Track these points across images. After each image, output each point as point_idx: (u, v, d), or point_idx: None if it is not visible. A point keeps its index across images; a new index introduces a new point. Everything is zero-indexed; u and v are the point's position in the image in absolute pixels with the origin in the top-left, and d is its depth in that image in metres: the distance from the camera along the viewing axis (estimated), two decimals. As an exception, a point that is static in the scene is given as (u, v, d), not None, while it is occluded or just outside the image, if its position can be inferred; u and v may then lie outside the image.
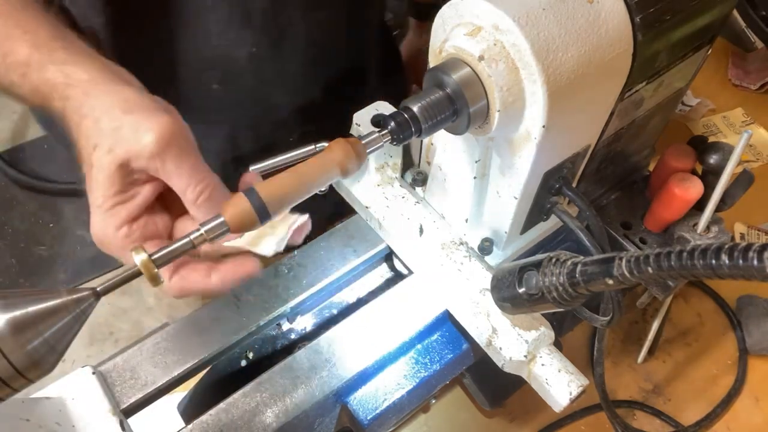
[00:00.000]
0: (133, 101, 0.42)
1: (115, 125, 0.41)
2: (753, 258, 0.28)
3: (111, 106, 0.42)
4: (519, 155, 0.48)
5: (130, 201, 0.43)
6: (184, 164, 0.41)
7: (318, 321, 0.66)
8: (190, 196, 0.42)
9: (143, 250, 0.38)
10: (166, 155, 0.41)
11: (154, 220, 0.45)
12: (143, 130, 0.40)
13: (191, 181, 0.42)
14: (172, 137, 0.41)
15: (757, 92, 1.22)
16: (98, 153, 0.42)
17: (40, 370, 0.36)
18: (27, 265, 2.14)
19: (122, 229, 0.43)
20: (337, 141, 0.43)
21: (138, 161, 0.41)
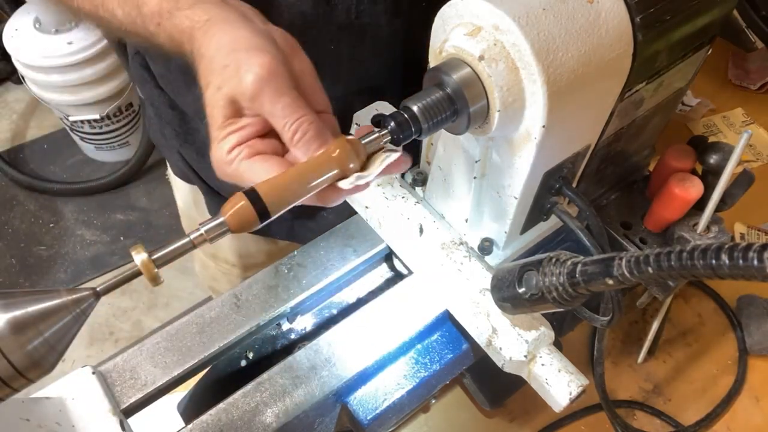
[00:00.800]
0: (243, 39, 0.43)
1: (224, 63, 0.43)
2: (753, 258, 0.28)
3: (222, 45, 0.43)
4: (519, 155, 0.48)
5: (241, 131, 0.44)
6: (279, 103, 0.42)
7: (318, 321, 0.66)
8: (286, 135, 0.43)
9: (143, 249, 0.38)
10: (263, 95, 0.42)
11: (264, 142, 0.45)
12: (244, 71, 0.42)
13: (286, 121, 0.43)
14: (269, 77, 0.42)
15: (757, 92, 1.22)
16: (210, 91, 0.44)
17: (40, 370, 0.36)
18: (27, 265, 2.15)
19: (233, 151, 0.44)
20: (337, 141, 0.43)
21: (242, 101, 0.43)
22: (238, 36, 0.43)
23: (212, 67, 0.44)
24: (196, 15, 0.45)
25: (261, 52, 0.43)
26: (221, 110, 0.44)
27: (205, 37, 0.44)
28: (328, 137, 0.44)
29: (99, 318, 2.04)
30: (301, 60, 0.48)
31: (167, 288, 2.08)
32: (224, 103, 0.44)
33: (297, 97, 0.43)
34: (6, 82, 2.66)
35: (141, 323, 2.04)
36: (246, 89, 0.42)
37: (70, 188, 2.30)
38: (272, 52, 0.43)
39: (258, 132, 0.45)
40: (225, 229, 0.40)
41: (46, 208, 2.30)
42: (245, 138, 0.45)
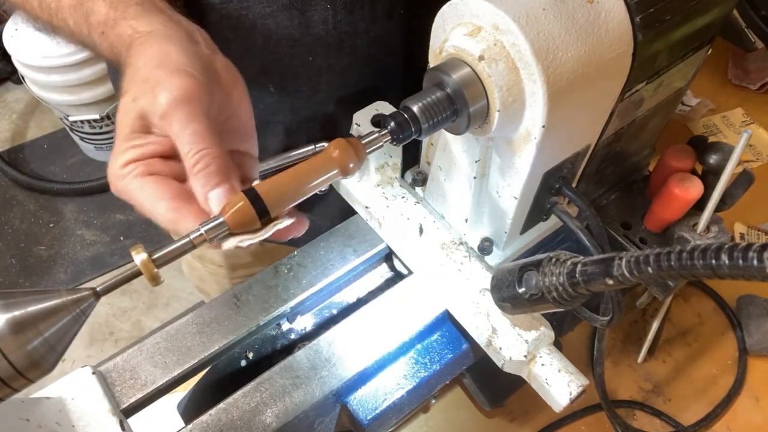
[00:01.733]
0: (172, 58, 0.42)
1: (145, 77, 0.42)
2: (753, 258, 0.28)
3: (150, 59, 0.42)
4: (519, 155, 0.48)
5: (142, 147, 0.43)
6: (188, 129, 0.41)
7: (318, 321, 0.66)
8: (188, 163, 0.41)
9: (143, 249, 0.38)
10: (173, 117, 0.41)
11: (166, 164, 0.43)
12: (160, 89, 0.41)
13: (191, 148, 0.41)
14: (183, 100, 0.41)
15: (757, 92, 1.22)
16: (125, 99, 0.43)
17: (40, 370, 0.36)
18: (27, 265, 2.15)
19: (127, 167, 0.42)
20: (337, 141, 0.43)
21: (152, 118, 0.42)
22: (170, 53, 0.42)
23: (134, 77, 0.42)
24: (140, 26, 0.45)
25: (184, 74, 0.41)
26: (129, 122, 0.42)
27: (140, 47, 0.43)
28: (230, 175, 0.42)
29: (99, 318, 2.04)
30: (240, 97, 0.46)
31: (167, 288, 2.08)
32: (135, 115, 0.42)
33: (209, 128, 0.41)
34: (6, 82, 2.67)
35: (141, 323, 2.04)
36: (158, 107, 0.41)
37: (70, 188, 2.30)
38: (196, 77, 0.42)
39: (161, 153, 0.43)
40: (225, 229, 0.40)
41: (46, 208, 2.30)
42: (144, 155, 0.43)
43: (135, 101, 0.42)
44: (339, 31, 0.64)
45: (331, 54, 0.67)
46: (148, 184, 0.42)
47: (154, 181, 0.42)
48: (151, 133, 0.43)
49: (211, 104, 0.43)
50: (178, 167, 0.43)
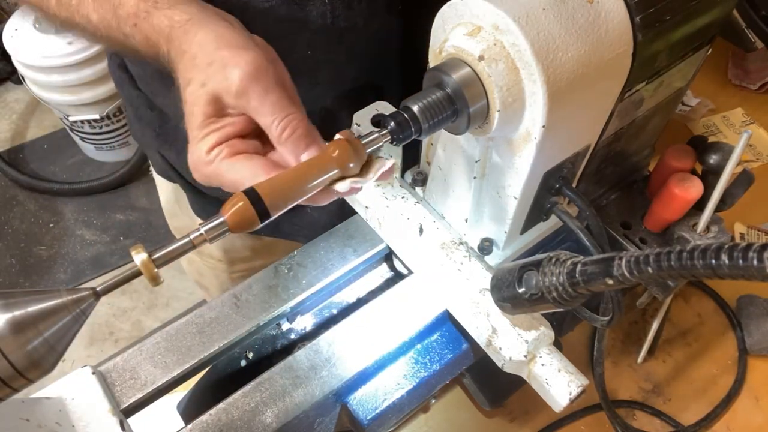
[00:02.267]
0: (227, 38, 0.43)
1: (208, 60, 0.42)
2: (753, 258, 0.28)
3: (206, 43, 0.43)
4: (519, 155, 0.48)
5: (221, 129, 0.43)
6: (267, 101, 0.42)
7: (318, 321, 0.66)
8: (274, 132, 0.42)
9: (143, 249, 0.38)
10: (250, 92, 0.41)
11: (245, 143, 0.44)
12: (230, 67, 0.41)
13: (274, 118, 0.42)
14: (256, 74, 0.41)
15: (757, 92, 1.22)
16: (192, 87, 0.43)
17: (40, 370, 0.36)
18: (27, 265, 2.15)
19: (212, 151, 0.43)
20: (337, 141, 0.43)
21: (227, 98, 0.42)
22: (222, 34, 0.43)
23: (195, 63, 0.43)
24: (176, 15, 0.45)
25: (246, 50, 0.42)
26: (202, 108, 0.43)
27: (187, 35, 0.44)
28: (316, 136, 0.43)
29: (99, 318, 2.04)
30: (280, 68, 0.47)
31: (167, 288, 2.08)
32: (206, 99, 0.43)
33: (284, 95, 0.43)
34: (6, 82, 2.66)
35: (141, 323, 2.04)
36: (232, 85, 0.41)
37: (70, 188, 2.30)
38: (257, 51, 0.43)
39: (239, 132, 0.44)
40: (225, 229, 0.40)
41: (46, 208, 2.30)
42: (225, 137, 0.44)
43: (204, 86, 0.42)
44: (337, 25, 0.64)
45: (329, 48, 0.67)
46: (239, 163, 0.43)
47: (246, 158, 0.43)
48: (226, 115, 0.44)
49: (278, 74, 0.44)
50: (256, 143, 0.45)
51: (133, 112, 0.84)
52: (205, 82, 0.42)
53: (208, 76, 0.42)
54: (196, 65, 0.43)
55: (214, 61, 0.42)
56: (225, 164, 0.43)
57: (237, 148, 0.44)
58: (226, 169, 0.43)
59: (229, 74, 0.41)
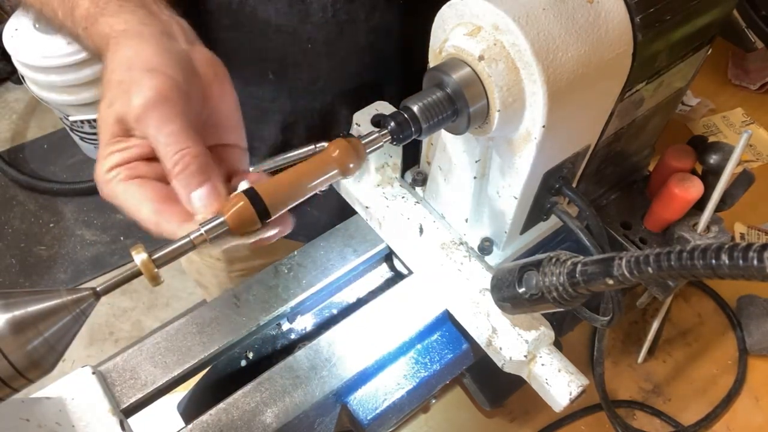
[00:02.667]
0: (144, 58, 0.41)
1: (119, 79, 0.41)
2: (753, 258, 0.28)
3: (124, 60, 0.42)
4: (519, 155, 0.48)
5: (124, 151, 0.42)
6: (164, 131, 0.40)
7: (318, 321, 0.66)
8: (167, 164, 0.41)
9: (143, 249, 0.38)
10: (149, 119, 0.40)
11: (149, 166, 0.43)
12: (134, 91, 0.40)
13: (169, 149, 0.40)
14: (156, 102, 0.40)
15: (757, 92, 1.22)
16: (103, 105, 0.42)
17: (40, 370, 0.36)
18: (27, 265, 2.15)
19: (111, 171, 0.42)
20: (337, 141, 0.43)
21: (129, 121, 0.41)
22: (140, 53, 0.42)
23: (109, 81, 0.42)
24: (116, 24, 0.44)
25: (155, 73, 0.41)
26: (109, 127, 0.42)
27: (116, 48, 0.43)
28: (211, 175, 0.41)
29: (99, 318, 2.04)
30: (223, 88, 0.46)
31: (167, 288, 2.08)
32: (113, 120, 0.42)
33: (185, 128, 0.41)
34: (6, 82, 2.66)
35: (141, 323, 2.04)
36: (132, 110, 0.40)
37: (70, 188, 2.30)
38: (169, 75, 0.41)
39: (143, 155, 0.43)
40: (225, 229, 0.40)
41: (46, 208, 2.30)
42: (127, 159, 0.42)
43: (111, 106, 0.41)
44: (338, 19, 0.64)
45: (330, 42, 0.67)
46: (132, 188, 0.41)
47: (138, 185, 0.42)
48: (132, 136, 0.43)
49: (188, 102, 0.42)
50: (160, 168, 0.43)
51: None
52: (113, 102, 0.42)
53: (115, 96, 0.41)
54: (110, 82, 0.42)
55: (122, 81, 0.41)
56: (120, 187, 0.42)
57: (137, 171, 0.42)
58: (119, 191, 0.42)
59: (132, 98, 0.40)
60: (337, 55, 0.69)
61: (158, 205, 0.41)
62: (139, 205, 0.41)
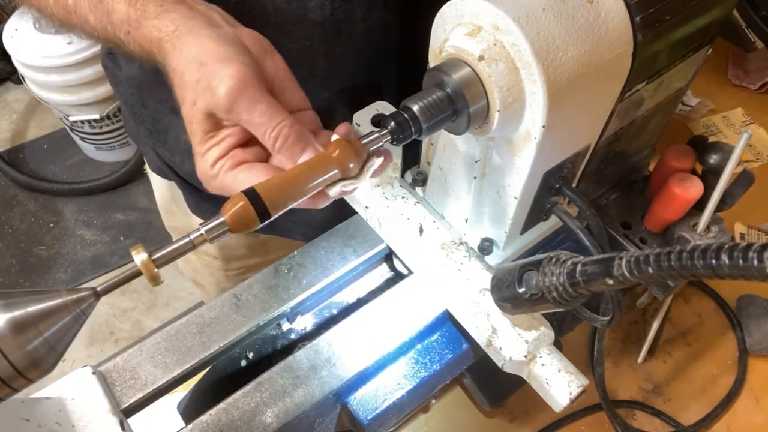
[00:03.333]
0: (210, 50, 0.43)
1: (196, 78, 0.43)
2: (753, 258, 0.28)
3: (192, 59, 0.43)
4: (519, 155, 0.48)
5: (221, 143, 0.44)
6: (255, 111, 0.42)
7: (318, 321, 0.66)
8: (268, 142, 0.43)
9: (143, 249, 0.38)
10: (238, 106, 0.42)
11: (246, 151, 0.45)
12: (215, 84, 0.42)
13: (265, 129, 0.42)
14: (241, 87, 0.42)
15: (757, 92, 1.22)
16: (186, 106, 0.44)
17: (40, 370, 0.36)
18: (27, 265, 2.15)
19: (216, 164, 0.44)
20: (337, 141, 0.43)
21: (218, 113, 0.43)
22: (206, 47, 0.43)
23: (184, 81, 0.43)
24: (163, 25, 0.45)
25: (230, 62, 0.42)
26: (199, 125, 0.44)
27: (174, 50, 0.44)
28: (309, 139, 0.44)
29: (99, 318, 2.04)
30: (275, 60, 0.47)
31: (167, 288, 2.08)
32: (201, 117, 0.43)
33: (273, 103, 0.43)
34: (6, 82, 2.66)
35: (141, 323, 2.04)
36: (220, 102, 0.42)
37: (70, 188, 2.30)
38: (241, 60, 0.43)
39: (239, 141, 0.45)
40: (225, 229, 0.40)
41: (46, 208, 2.30)
42: (226, 150, 0.45)
43: (195, 105, 0.43)
44: (336, 17, 0.64)
45: (327, 40, 0.67)
46: (242, 174, 0.44)
47: (246, 169, 0.44)
48: (223, 127, 0.45)
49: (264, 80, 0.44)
50: (257, 150, 0.46)
51: (128, 110, 0.85)
52: (196, 101, 0.43)
53: (198, 94, 0.43)
54: (185, 83, 0.43)
55: (200, 78, 0.42)
56: (229, 176, 0.44)
57: (238, 158, 0.45)
58: (229, 181, 0.44)
59: (215, 91, 0.42)
60: (334, 54, 0.69)
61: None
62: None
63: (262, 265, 0.97)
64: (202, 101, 0.43)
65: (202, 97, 0.43)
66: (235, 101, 0.42)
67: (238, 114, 0.42)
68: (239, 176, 0.44)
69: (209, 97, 0.42)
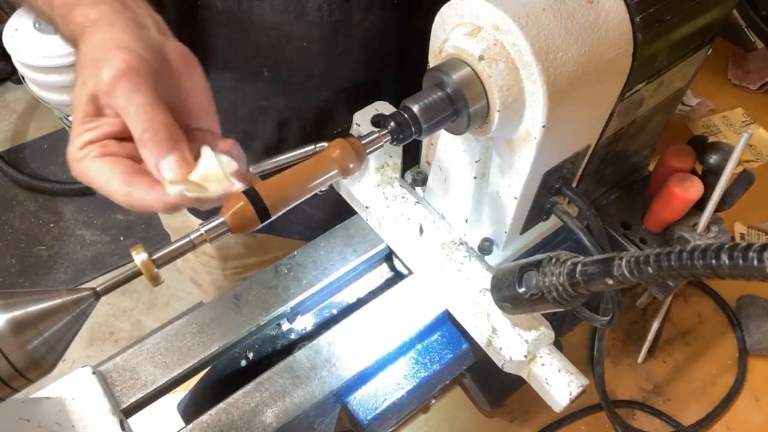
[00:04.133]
0: (116, 40, 0.42)
1: (91, 59, 0.42)
2: (753, 258, 0.28)
3: (96, 43, 0.43)
4: (519, 155, 0.48)
5: (96, 129, 0.43)
6: (133, 100, 0.41)
7: (318, 321, 0.66)
8: (136, 133, 0.41)
9: (143, 250, 0.38)
10: (118, 89, 0.41)
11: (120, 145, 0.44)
12: (104, 66, 0.41)
13: (138, 119, 0.41)
14: (127, 73, 0.41)
15: (757, 92, 1.22)
16: (77, 86, 0.43)
17: (40, 370, 0.36)
18: (27, 265, 2.15)
19: (84, 149, 0.43)
20: (337, 141, 0.43)
21: (102, 97, 0.42)
22: (114, 36, 0.43)
23: (82, 62, 0.43)
24: (90, 14, 0.45)
25: (128, 50, 0.42)
26: (81, 106, 0.43)
27: (91, 36, 0.44)
28: (181, 145, 0.42)
29: (99, 318, 2.03)
30: (194, 76, 0.46)
31: (167, 288, 2.08)
32: (86, 99, 0.43)
33: (155, 99, 0.42)
34: (6, 82, 2.66)
35: (141, 323, 2.04)
36: (102, 83, 0.41)
37: (70, 188, 2.30)
38: (140, 53, 0.42)
39: (116, 134, 0.43)
40: (225, 229, 0.40)
41: (46, 208, 2.30)
42: (99, 137, 0.43)
43: (84, 84, 0.42)
44: (333, 18, 0.64)
45: (325, 41, 0.67)
46: (105, 165, 0.42)
47: (109, 161, 0.42)
48: (104, 115, 0.43)
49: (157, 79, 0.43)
50: (132, 148, 0.43)
51: None
52: (85, 81, 0.42)
53: (88, 74, 0.42)
54: (83, 64, 0.43)
55: (95, 59, 0.42)
56: (92, 164, 0.42)
57: (109, 149, 0.43)
58: (91, 169, 0.42)
59: (102, 71, 0.41)
60: (332, 54, 0.69)
61: (128, 177, 0.42)
62: (109, 180, 0.41)
63: (259, 264, 0.97)
64: (90, 81, 0.42)
65: (91, 77, 0.42)
66: (117, 84, 0.41)
67: (116, 98, 0.41)
68: (102, 167, 0.42)
69: (96, 78, 0.41)
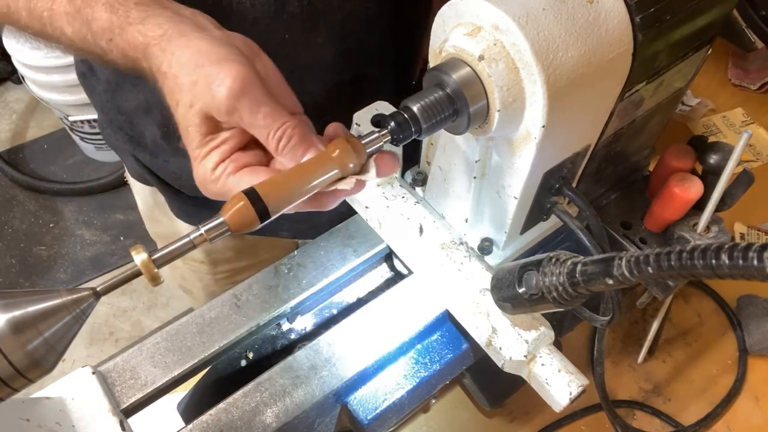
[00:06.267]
0: (206, 52, 0.42)
1: (192, 80, 0.42)
2: (753, 258, 0.28)
3: (186, 61, 0.42)
4: (519, 155, 0.48)
5: (222, 145, 0.44)
6: (259, 113, 0.41)
7: (318, 321, 0.66)
8: (271, 144, 0.42)
9: (143, 250, 0.38)
10: (240, 109, 0.41)
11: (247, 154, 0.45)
12: (216, 85, 0.41)
13: (268, 131, 0.42)
14: (243, 89, 0.41)
15: (757, 92, 1.22)
16: (181, 109, 0.43)
17: (40, 370, 0.36)
18: (27, 265, 2.15)
19: (217, 168, 0.43)
20: (337, 141, 0.43)
21: (218, 115, 0.42)
22: (200, 49, 0.42)
23: (179, 84, 0.42)
24: (150, 30, 0.44)
25: (228, 62, 0.41)
26: (197, 128, 0.43)
27: (164, 54, 0.43)
28: (312, 140, 0.43)
29: (99, 318, 2.03)
30: (264, 63, 0.46)
31: (167, 288, 2.08)
32: (199, 120, 0.42)
33: (275, 105, 0.42)
34: (6, 82, 2.66)
35: (141, 323, 2.04)
36: (221, 104, 0.41)
37: (70, 188, 2.30)
38: (239, 60, 0.42)
39: (239, 144, 0.44)
40: (225, 230, 0.40)
41: (46, 208, 2.30)
42: (228, 153, 0.44)
43: (192, 107, 0.42)
44: (314, 7, 0.64)
45: (306, 31, 0.66)
46: (246, 177, 0.43)
47: (249, 172, 0.43)
48: (222, 130, 0.44)
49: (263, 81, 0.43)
50: (258, 153, 0.45)
51: (104, 117, 0.83)
52: (193, 103, 0.42)
53: (195, 96, 0.42)
54: (180, 86, 0.42)
55: (197, 80, 0.41)
56: (232, 180, 0.43)
57: (240, 161, 0.44)
58: (232, 185, 0.43)
59: (216, 92, 0.41)
60: (314, 45, 0.68)
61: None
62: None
63: (250, 267, 0.96)
64: (199, 103, 0.42)
65: (200, 99, 0.42)
66: (237, 103, 0.41)
67: (240, 117, 0.41)
68: (244, 179, 0.43)
69: (208, 99, 0.41)
